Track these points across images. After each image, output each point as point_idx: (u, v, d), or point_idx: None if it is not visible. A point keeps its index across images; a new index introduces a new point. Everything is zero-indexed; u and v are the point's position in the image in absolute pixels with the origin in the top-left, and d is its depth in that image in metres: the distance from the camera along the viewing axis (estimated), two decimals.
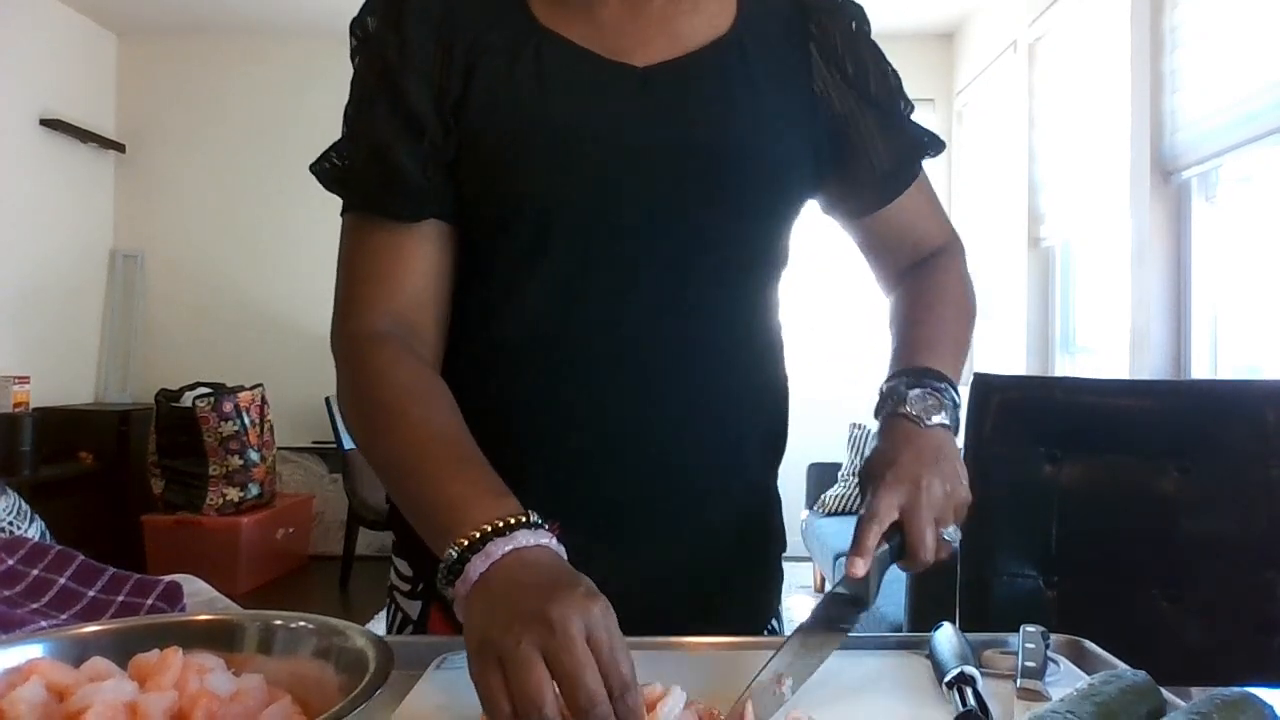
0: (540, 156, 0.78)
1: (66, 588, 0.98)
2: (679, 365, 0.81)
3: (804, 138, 0.85)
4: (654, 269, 0.80)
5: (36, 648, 0.58)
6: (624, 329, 0.80)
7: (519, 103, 0.78)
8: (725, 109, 0.82)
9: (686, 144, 0.80)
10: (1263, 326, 2.66)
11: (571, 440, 0.81)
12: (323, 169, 0.82)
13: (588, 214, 0.79)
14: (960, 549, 1.25)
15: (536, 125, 0.78)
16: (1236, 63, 2.54)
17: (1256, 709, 0.58)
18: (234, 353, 5.12)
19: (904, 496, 0.72)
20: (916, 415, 0.77)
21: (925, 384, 0.79)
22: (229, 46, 5.22)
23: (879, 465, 0.75)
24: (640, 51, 0.81)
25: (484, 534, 0.61)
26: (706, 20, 0.84)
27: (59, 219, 4.80)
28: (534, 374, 0.81)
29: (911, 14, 4.85)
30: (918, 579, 2.84)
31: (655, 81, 0.81)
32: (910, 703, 0.66)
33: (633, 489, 0.82)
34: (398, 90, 0.79)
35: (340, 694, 0.54)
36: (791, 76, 0.86)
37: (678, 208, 0.80)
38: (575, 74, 0.80)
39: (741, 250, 0.84)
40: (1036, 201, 3.95)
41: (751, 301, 0.87)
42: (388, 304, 0.79)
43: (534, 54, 0.79)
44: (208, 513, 4.37)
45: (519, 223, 0.80)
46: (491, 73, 0.79)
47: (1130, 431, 1.25)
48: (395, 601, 0.91)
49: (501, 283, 0.82)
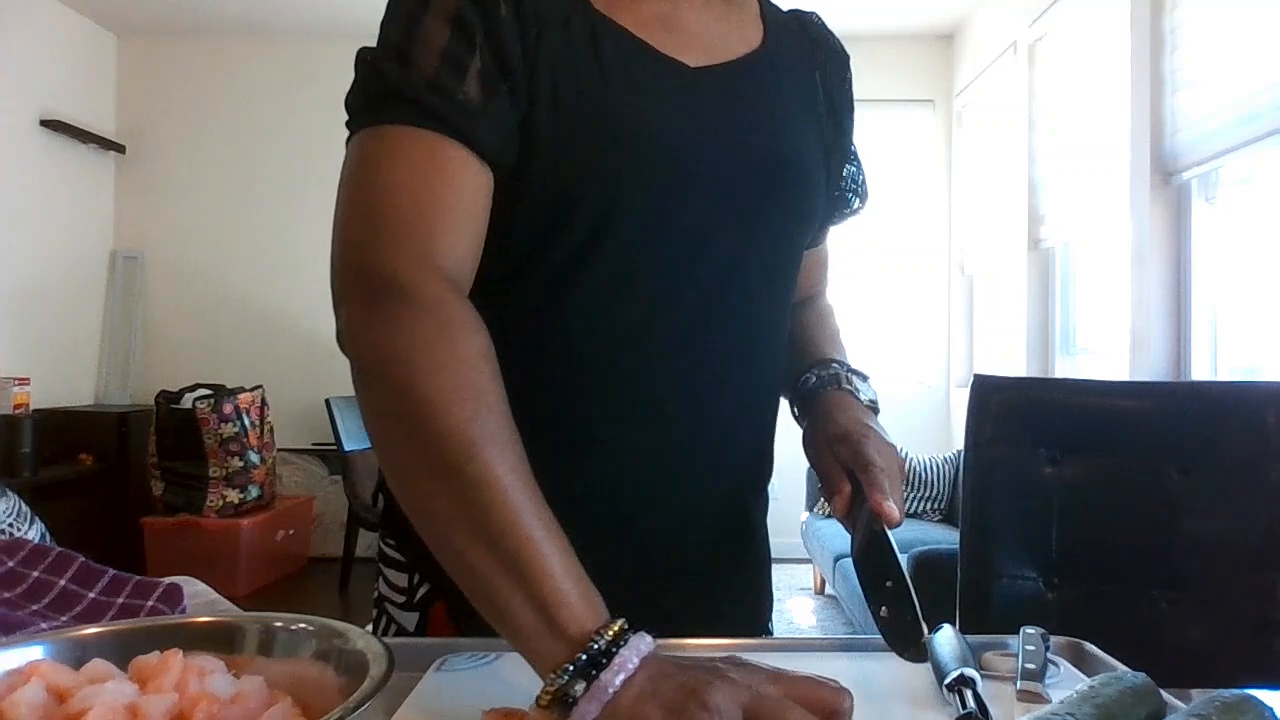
0: (602, 147, 0.75)
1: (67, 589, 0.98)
2: (725, 363, 0.82)
3: (820, 161, 0.89)
4: (704, 268, 0.80)
5: (37, 649, 0.58)
6: (671, 325, 0.79)
7: (580, 89, 0.74)
8: (769, 119, 0.84)
9: (739, 148, 0.80)
10: (1263, 327, 2.66)
11: (619, 436, 0.80)
12: (371, 63, 0.72)
13: (644, 208, 0.77)
14: (960, 550, 1.26)
15: (598, 116, 0.75)
16: (1236, 63, 2.54)
17: (1256, 711, 0.58)
18: (234, 354, 5.12)
19: (887, 457, 0.77)
20: (857, 392, 0.87)
21: (857, 372, 0.90)
22: (229, 46, 5.22)
23: (856, 425, 0.80)
24: (687, 51, 0.81)
25: (608, 643, 0.55)
26: (737, 32, 0.85)
27: (59, 220, 4.80)
28: (581, 369, 0.79)
29: (911, 14, 4.85)
30: (917, 581, 2.84)
31: (705, 83, 0.80)
32: (910, 704, 0.66)
33: (674, 486, 0.82)
34: (492, 22, 0.71)
35: (340, 696, 0.54)
36: (808, 98, 0.89)
37: (730, 209, 0.80)
38: (633, 65, 0.77)
39: (782, 255, 0.87)
40: (1036, 202, 3.95)
41: (784, 305, 0.89)
42: (457, 243, 0.69)
43: (590, 36, 0.76)
44: (208, 514, 4.37)
45: (577, 212, 0.76)
46: (552, 48, 0.74)
47: (1130, 433, 1.25)
48: (387, 613, 0.88)
49: (553, 273, 0.77)
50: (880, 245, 5.13)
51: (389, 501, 0.91)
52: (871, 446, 0.76)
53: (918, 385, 5.19)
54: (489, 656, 0.73)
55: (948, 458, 4.34)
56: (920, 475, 4.29)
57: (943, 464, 4.31)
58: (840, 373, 0.88)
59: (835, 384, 0.87)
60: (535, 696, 0.55)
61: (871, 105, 5.06)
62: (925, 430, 4.99)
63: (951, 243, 5.12)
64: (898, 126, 5.16)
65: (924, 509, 4.26)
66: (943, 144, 5.18)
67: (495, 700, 0.62)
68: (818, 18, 0.96)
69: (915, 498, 4.28)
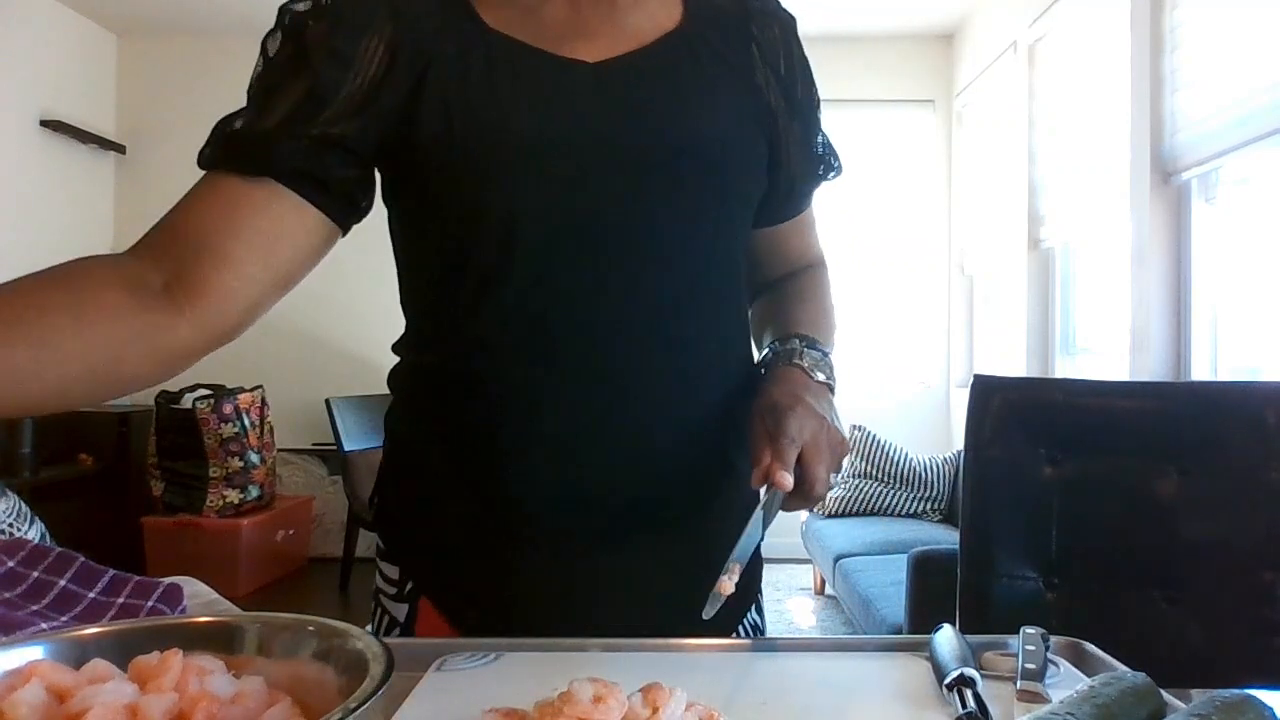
0: (500, 166, 0.77)
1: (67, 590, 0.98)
2: (650, 361, 0.82)
3: (754, 135, 0.87)
4: (622, 267, 0.80)
5: (37, 649, 0.58)
6: (596, 328, 0.80)
7: (473, 113, 0.77)
8: (680, 104, 0.82)
9: (645, 139, 0.80)
10: (1263, 327, 2.66)
11: (549, 433, 0.81)
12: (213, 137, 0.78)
13: (553, 217, 0.78)
14: (960, 550, 1.26)
15: (493, 134, 0.77)
16: (1236, 63, 2.54)
17: (1256, 711, 0.58)
18: (234, 354, 5.03)
19: (810, 431, 0.75)
20: (809, 368, 0.84)
21: (816, 348, 0.87)
22: (229, 46, 5.21)
23: (786, 397, 0.78)
24: (588, 47, 0.81)
25: None
26: (649, 16, 0.85)
27: (59, 220, 4.79)
28: (510, 370, 0.81)
29: (911, 14, 4.85)
30: (917, 582, 2.84)
31: (608, 77, 0.80)
32: (910, 704, 0.66)
33: (610, 484, 0.82)
34: (307, 66, 0.75)
35: (341, 696, 0.54)
36: (739, 74, 0.87)
37: (642, 203, 0.80)
38: (527, 74, 0.79)
39: (705, 245, 0.84)
40: (1036, 203, 3.95)
41: (731, 282, 0.88)
42: (151, 236, 0.76)
43: (484, 59, 0.78)
44: (208, 514, 4.37)
45: (485, 232, 0.79)
46: (442, 83, 0.77)
47: (1130, 433, 1.25)
48: (381, 605, 0.91)
49: (473, 283, 0.80)
50: (880, 245, 5.13)
51: (381, 501, 0.92)
52: (794, 418, 0.75)
53: (918, 385, 5.19)
54: (489, 656, 0.73)
55: (948, 458, 4.34)
56: (920, 475, 4.29)
57: (943, 464, 4.31)
58: (797, 348, 0.86)
59: (787, 359, 0.85)
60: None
61: (871, 105, 5.07)
62: (925, 430, 4.99)
63: (951, 243, 5.12)
64: (898, 126, 5.15)
65: (924, 509, 4.26)
66: (943, 144, 5.18)
67: (495, 700, 0.62)
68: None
69: (915, 498, 4.28)
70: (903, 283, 5.21)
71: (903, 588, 2.93)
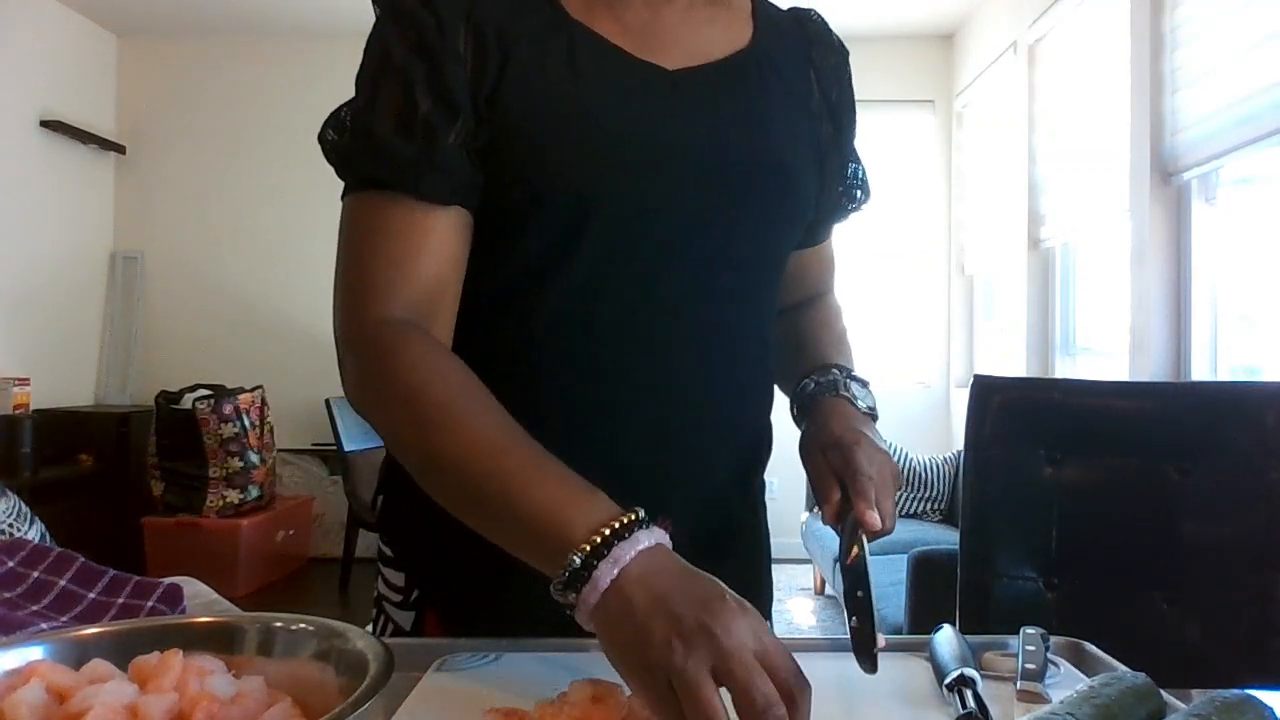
0: (577, 146, 0.77)
1: (67, 590, 0.98)
2: (697, 362, 0.82)
3: (811, 157, 0.89)
4: (678, 267, 0.80)
5: (37, 650, 0.58)
6: (645, 326, 0.80)
7: (555, 93, 0.77)
8: (751, 119, 0.84)
9: (716, 149, 0.81)
10: (1263, 327, 2.66)
11: (592, 429, 0.80)
12: (332, 143, 0.79)
13: (620, 207, 0.78)
14: (960, 550, 1.26)
15: (573, 116, 0.77)
16: (1236, 63, 2.54)
17: (1256, 711, 0.58)
18: (234, 354, 5.12)
19: (879, 466, 0.76)
20: (855, 399, 0.86)
21: (855, 378, 0.89)
22: (229, 46, 5.22)
23: (849, 433, 0.79)
24: (665, 55, 0.82)
25: (604, 538, 0.59)
26: (722, 32, 0.86)
27: (59, 220, 4.80)
28: (556, 365, 0.80)
29: (911, 14, 4.85)
30: (917, 582, 2.84)
31: (684, 85, 0.81)
32: (910, 705, 0.66)
33: (651, 483, 0.81)
34: (435, 69, 0.75)
35: (340, 696, 0.54)
36: (798, 99, 0.89)
37: (705, 209, 0.81)
38: (608, 69, 0.79)
39: (760, 254, 0.86)
40: (1037, 203, 3.95)
41: (762, 305, 0.89)
42: (409, 290, 0.76)
43: (566, 45, 0.79)
44: (208, 515, 4.37)
45: (552, 211, 0.78)
46: (525, 62, 0.77)
47: (1130, 433, 1.25)
48: (385, 612, 0.90)
49: (527, 273, 0.80)
50: (880, 245, 5.13)
51: (387, 504, 0.92)
52: (862, 454, 0.77)
53: (917, 385, 5.19)
54: (489, 656, 0.73)
55: (948, 458, 4.34)
56: (920, 475, 4.29)
57: (943, 464, 4.31)
58: (839, 379, 0.88)
59: (833, 390, 0.87)
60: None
61: (871, 105, 5.06)
62: (925, 430, 4.99)
63: (951, 243, 5.11)
64: (898, 126, 5.16)
65: (924, 509, 4.26)
66: (943, 144, 5.18)
67: (495, 700, 0.62)
68: (817, 15, 0.96)
69: (915, 498, 4.28)
70: (902, 283, 5.21)
71: (903, 588, 2.93)
